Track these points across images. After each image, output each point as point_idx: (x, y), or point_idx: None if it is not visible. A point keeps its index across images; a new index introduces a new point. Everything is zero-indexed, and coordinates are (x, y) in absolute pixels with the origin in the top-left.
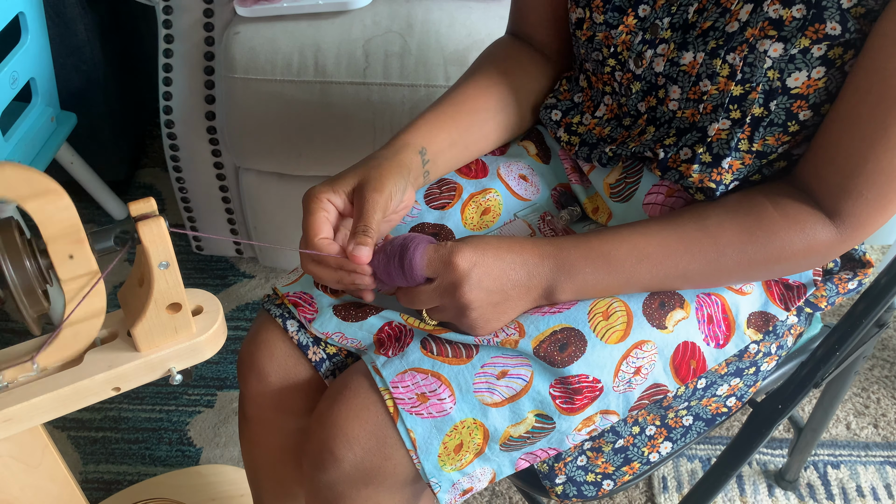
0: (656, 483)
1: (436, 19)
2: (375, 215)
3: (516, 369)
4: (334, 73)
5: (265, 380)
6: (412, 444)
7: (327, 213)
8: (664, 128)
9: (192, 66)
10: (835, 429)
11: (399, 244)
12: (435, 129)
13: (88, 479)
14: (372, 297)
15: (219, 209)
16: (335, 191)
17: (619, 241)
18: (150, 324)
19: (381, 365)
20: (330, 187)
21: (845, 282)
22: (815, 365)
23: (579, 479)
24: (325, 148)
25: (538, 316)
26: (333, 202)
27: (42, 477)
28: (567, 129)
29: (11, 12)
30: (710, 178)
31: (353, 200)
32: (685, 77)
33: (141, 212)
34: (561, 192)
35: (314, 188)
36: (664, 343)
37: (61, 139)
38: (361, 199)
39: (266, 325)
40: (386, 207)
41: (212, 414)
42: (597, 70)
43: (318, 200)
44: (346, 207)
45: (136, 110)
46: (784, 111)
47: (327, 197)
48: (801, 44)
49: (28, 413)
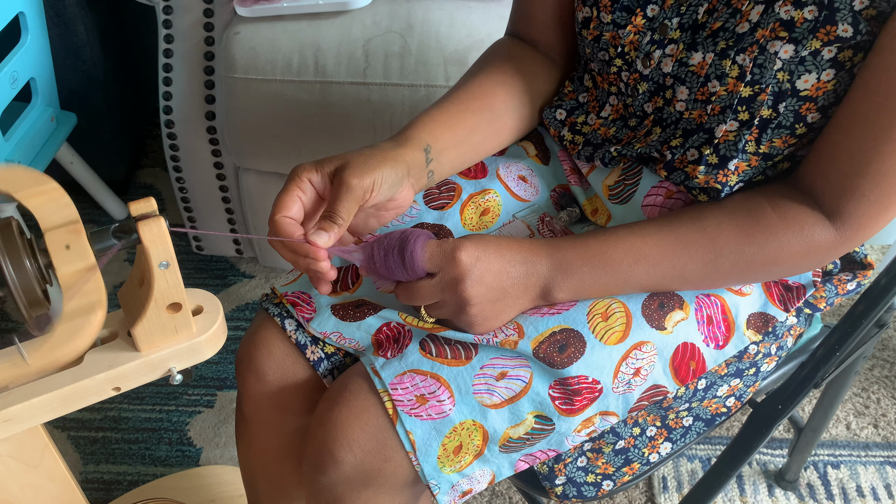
0: (656, 483)
1: (436, 19)
2: (347, 203)
3: (515, 370)
4: (334, 73)
5: (263, 379)
6: (411, 446)
7: (302, 192)
8: (670, 129)
9: (192, 66)
10: (835, 429)
11: (397, 237)
12: (441, 125)
13: (88, 479)
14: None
15: (219, 209)
16: (317, 170)
17: (617, 242)
18: (150, 324)
19: (379, 367)
20: (313, 165)
21: (844, 283)
22: (815, 365)
23: (579, 480)
24: (325, 148)
25: (537, 317)
26: (313, 181)
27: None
28: (571, 129)
29: (11, 12)
30: (715, 179)
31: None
32: (693, 78)
33: (141, 212)
34: (560, 193)
35: (299, 165)
36: (663, 344)
37: (61, 139)
38: (338, 184)
39: (264, 324)
40: (363, 197)
41: (212, 414)
42: (602, 70)
43: (296, 178)
44: (325, 189)
45: (136, 110)
46: (793, 113)
47: (307, 175)
48: (812, 46)
49: (28, 413)
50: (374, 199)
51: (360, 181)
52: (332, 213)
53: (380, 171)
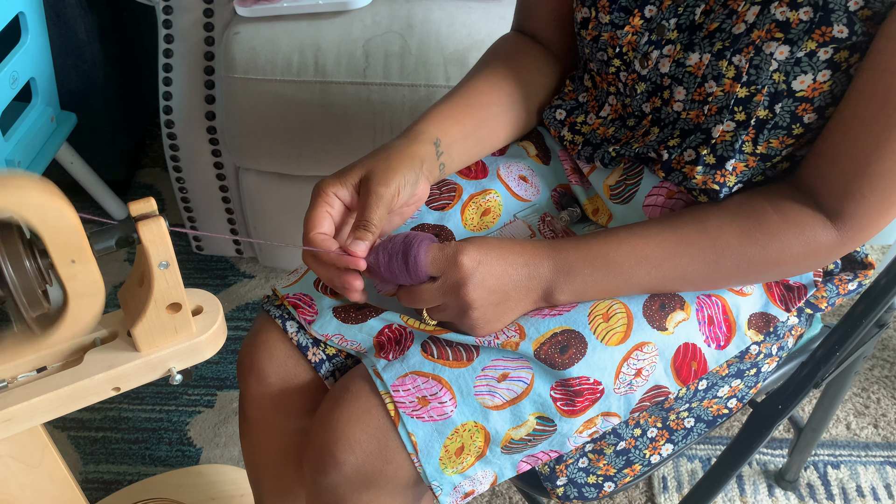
0: (656, 483)
1: (436, 19)
2: (378, 210)
3: (517, 372)
4: (334, 73)
5: (265, 381)
6: (413, 448)
7: (330, 206)
8: (668, 129)
9: (192, 66)
10: (835, 429)
11: (401, 242)
12: (449, 120)
13: (88, 479)
14: (363, 298)
15: (219, 209)
16: (342, 184)
17: (618, 243)
18: (150, 324)
19: (381, 368)
20: (337, 180)
21: (846, 283)
22: (815, 365)
23: (580, 481)
24: (325, 148)
25: (538, 318)
26: (339, 196)
27: (42, 477)
28: (571, 129)
29: (11, 12)
30: (713, 179)
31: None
32: (691, 78)
33: (141, 212)
34: (561, 193)
35: (322, 181)
36: (665, 345)
37: (61, 139)
38: (366, 193)
39: (266, 326)
40: (391, 202)
41: (212, 414)
42: (601, 70)
43: (322, 194)
44: (352, 201)
45: (136, 110)
46: (789, 114)
47: (333, 190)
48: (807, 47)
49: (28, 413)
50: (400, 201)
51: (387, 188)
52: (366, 222)
53: (402, 174)
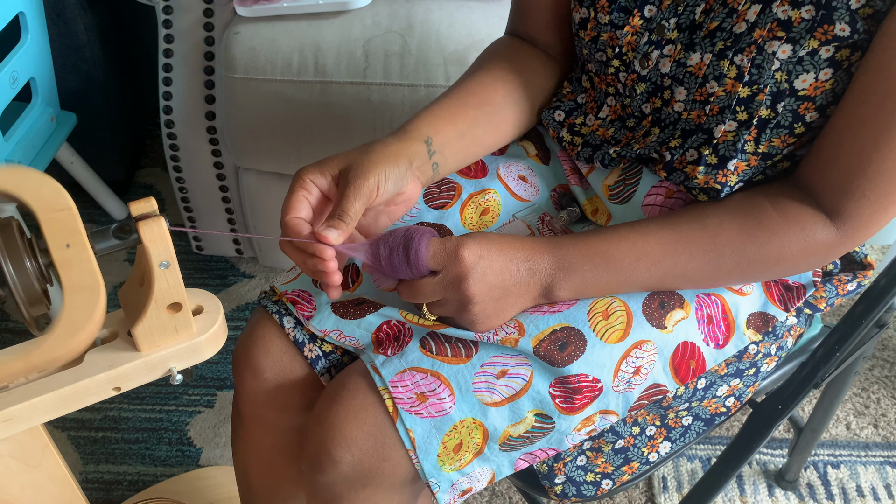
0: (656, 483)
1: (436, 19)
2: (355, 203)
3: (516, 369)
4: (334, 73)
5: (260, 376)
6: (411, 444)
7: (308, 192)
8: (669, 129)
9: (192, 66)
10: (835, 429)
11: (402, 235)
12: (441, 119)
13: (88, 479)
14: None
15: (219, 209)
16: (321, 172)
17: (619, 240)
18: (150, 324)
19: (380, 364)
20: (317, 168)
21: (845, 283)
22: (815, 365)
23: (578, 479)
24: (325, 148)
25: (538, 315)
26: (317, 183)
27: (42, 477)
28: (570, 130)
29: (11, 12)
30: (715, 179)
31: (338, 184)
32: (691, 78)
33: (141, 212)
34: (560, 193)
35: (302, 168)
36: (664, 343)
37: (61, 139)
38: (344, 184)
39: (262, 321)
40: (370, 196)
41: (212, 414)
42: (600, 71)
43: (301, 181)
44: (330, 190)
45: (136, 110)
46: (791, 113)
47: (311, 178)
48: (809, 45)
49: (28, 413)
50: (382, 198)
51: (365, 181)
52: (341, 212)
53: (382, 169)
